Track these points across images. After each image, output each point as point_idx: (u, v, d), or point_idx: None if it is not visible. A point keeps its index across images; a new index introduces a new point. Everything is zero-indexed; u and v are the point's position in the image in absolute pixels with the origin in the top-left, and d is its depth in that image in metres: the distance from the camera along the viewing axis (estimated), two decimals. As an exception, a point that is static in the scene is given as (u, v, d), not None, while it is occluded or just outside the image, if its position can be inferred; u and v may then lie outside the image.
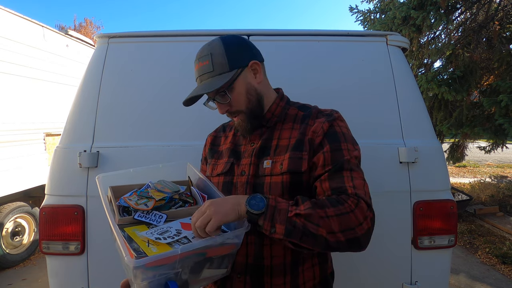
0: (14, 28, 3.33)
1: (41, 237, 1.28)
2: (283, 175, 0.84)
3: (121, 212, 0.81)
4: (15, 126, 3.30)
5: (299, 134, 0.87)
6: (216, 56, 0.86)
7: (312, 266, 0.88)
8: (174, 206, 0.86)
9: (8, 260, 3.36)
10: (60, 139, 1.38)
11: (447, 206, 1.33)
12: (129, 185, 0.91)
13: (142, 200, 0.82)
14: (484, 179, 7.14)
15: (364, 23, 4.83)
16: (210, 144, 1.08)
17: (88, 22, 18.62)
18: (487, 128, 3.94)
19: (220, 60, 0.85)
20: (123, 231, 0.73)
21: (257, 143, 0.92)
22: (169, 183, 0.91)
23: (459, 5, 4.31)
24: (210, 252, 0.70)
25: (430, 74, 4.23)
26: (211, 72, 0.86)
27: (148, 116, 1.40)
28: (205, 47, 0.89)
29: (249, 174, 0.88)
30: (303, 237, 0.70)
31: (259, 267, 0.85)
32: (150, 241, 0.69)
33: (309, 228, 0.69)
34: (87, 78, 1.44)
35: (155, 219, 0.78)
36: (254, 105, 0.91)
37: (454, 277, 3.11)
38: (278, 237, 0.71)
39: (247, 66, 0.89)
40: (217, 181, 0.95)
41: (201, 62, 0.88)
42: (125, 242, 0.67)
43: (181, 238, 0.70)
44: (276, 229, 0.70)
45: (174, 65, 1.46)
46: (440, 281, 1.37)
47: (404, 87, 1.44)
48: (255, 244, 0.85)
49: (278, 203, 0.73)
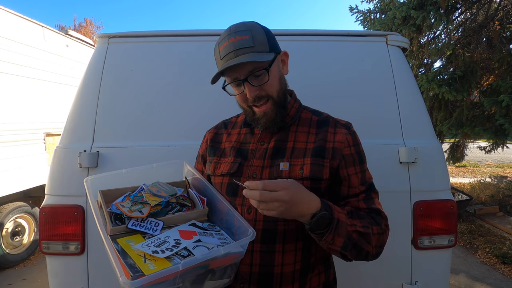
0: (14, 28, 3.33)
1: (41, 237, 1.28)
2: (303, 181, 0.80)
3: (113, 219, 0.73)
4: (15, 126, 3.30)
5: (320, 140, 0.85)
6: (256, 33, 0.79)
7: (319, 273, 0.87)
8: (171, 211, 0.79)
9: (8, 260, 3.36)
10: (60, 139, 1.38)
11: (447, 206, 1.33)
12: (121, 188, 0.83)
13: (136, 206, 0.75)
14: (484, 179, 7.14)
15: (364, 23, 4.83)
16: (210, 141, 1.00)
17: (88, 22, 18.64)
18: (488, 128, 3.94)
19: (261, 38, 0.79)
20: (116, 242, 0.66)
21: (269, 143, 0.87)
22: (165, 185, 0.84)
23: (459, 5, 4.31)
24: (213, 263, 0.65)
25: (430, 74, 4.23)
26: (252, 48, 0.77)
27: (148, 116, 1.40)
28: (239, 25, 0.81)
29: (262, 177, 0.83)
30: (352, 250, 0.75)
31: (268, 275, 0.81)
32: (147, 255, 0.62)
33: (361, 244, 0.76)
34: (87, 78, 1.44)
35: (151, 227, 0.71)
36: (283, 94, 0.86)
37: (454, 277, 3.11)
38: (334, 248, 0.74)
39: (279, 53, 0.85)
40: (221, 181, 0.89)
41: (238, 36, 0.78)
42: (119, 259, 0.60)
43: (180, 250, 0.63)
44: (335, 241, 0.72)
45: (174, 65, 1.46)
46: (440, 281, 1.37)
47: (404, 87, 1.44)
48: (261, 252, 0.81)
49: (339, 213, 0.74)
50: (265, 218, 0.81)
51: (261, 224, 0.81)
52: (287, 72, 0.90)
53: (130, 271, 0.58)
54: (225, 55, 0.79)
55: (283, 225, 0.81)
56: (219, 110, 1.33)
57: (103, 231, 0.66)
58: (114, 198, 0.79)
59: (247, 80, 0.80)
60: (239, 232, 0.70)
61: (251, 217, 0.82)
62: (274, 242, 0.80)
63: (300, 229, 0.81)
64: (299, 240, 0.82)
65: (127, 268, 0.58)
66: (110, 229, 0.70)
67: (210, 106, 1.40)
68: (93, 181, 0.83)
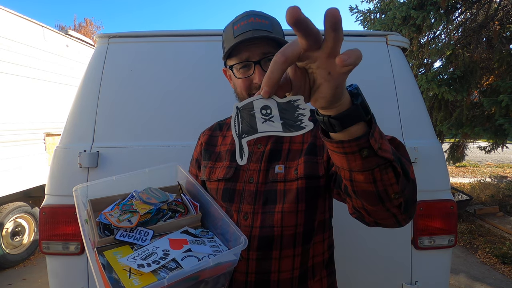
0: (14, 28, 3.33)
1: (41, 237, 1.28)
2: (297, 181, 0.77)
3: (101, 230, 0.70)
4: (15, 126, 3.30)
5: (312, 137, 0.83)
6: (275, 23, 0.81)
7: (321, 279, 0.83)
8: (162, 218, 0.75)
9: (8, 260, 3.36)
10: (60, 139, 1.38)
11: (447, 206, 1.33)
12: (112, 196, 0.80)
13: (125, 216, 0.71)
14: (484, 179, 7.14)
15: (364, 23, 4.83)
16: (205, 144, 0.96)
17: (88, 22, 18.62)
18: (487, 128, 3.94)
19: (279, 29, 0.81)
20: (102, 255, 0.63)
21: (266, 146, 0.85)
22: (157, 191, 0.80)
23: (459, 5, 4.31)
24: (203, 274, 0.61)
25: (430, 74, 4.23)
26: (270, 33, 0.76)
27: (148, 116, 1.40)
28: (258, 12, 0.81)
29: (258, 181, 0.80)
30: (398, 163, 0.51)
31: (264, 283, 0.77)
32: (132, 269, 0.58)
33: (403, 163, 0.54)
34: (87, 78, 1.44)
35: (140, 238, 0.67)
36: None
37: (454, 277, 3.11)
38: (384, 155, 0.48)
39: None
40: (216, 186, 0.86)
41: (258, 19, 0.77)
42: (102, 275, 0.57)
43: (168, 261, 0.60)
44: (382, 145, 0.48)
45: (174, 65, 1.46)
46: (440, 281, 1.37)
47: (404, 87, 1.44)
48: (257, 260, 0.77)
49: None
50: (262, 224, 0.78)
51: (257, 230, 0.78)
52: None
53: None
54: (241, 33, 0.75)
55: (280, 231, 0.77)
56: (219, 110, 1.33)
57: (87, 244, 0.63)
58: (105, 206, 0.75)
59: (259, 62, 0.75)
60: (233, 238, 0.67)
61: (248, 223, 0.79)
62: (270, 249, 0.77)
63: (298, 234, 0.78)
64: (297, 246, 0.78)
65: (110, 285, 0.55)
66: (97, 241, 0.66)
67: (210, 106, 1.40)
68: (82, 189, 0.79)
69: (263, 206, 0.79)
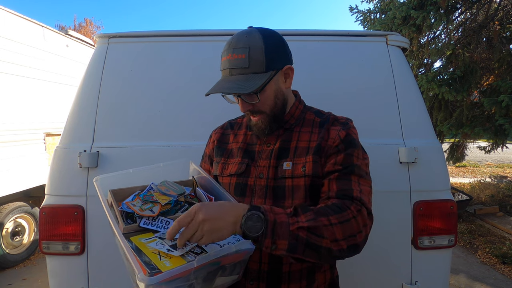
0: (14, 28, 3.33)
1: (41, 237, 1.28)
2: (305, 178, 0.83)
3: (124, 218, 0.75)
4: (15, 126, 3.29)
5: (320, 138, 0.87)
6: (254, 51, 0.79)
7: (325, 271, 0.89)
8: (180, 210, 0.81)
9: (8, 260, 3.36)
10: (60, 139, 1.38)
11: (447, 206, 1.33)
12: (130, 187, 0.85)
13: (146, 205, 0.77)
14: (484, 179, 7.14)
15: (364, 23, 4.83)
16: (217, 141, 1.02)
17: (88, 22, 18.64)
18: (487, 128, 3.93)
19: (258, 57, 0.79)
20: (130, 241, 0.68)
21: (275, 144, 0.90)
22: (173, 185, 0.86)
23: (459, 5, 4.31)
24: (224, 260, 0.66)
25: (430, 74, 4.23)
26: (246, 69, 0.79)
27: (148, 116, 1.40)
28: (243, 37, 0.81)
29: (268, 177, 0.86)
30: (306, 250, 0.66)
31: (276, 273, 0.83)
32: (162, 253, 0.64)
33: (313, 240, 0.67)
34: (87, 78, 1.44)
35: (162, 226, 0.73)
36: (278, 109, 0.88)
37: (454, 277, 3.11)
38: (280, 253, 0.66)
39: (281, 69, 0.85)
40: (228, 181, 0.92)
41: (235, 54, 0.79)
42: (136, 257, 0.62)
43: (193, 247, 0.66)
44: (278, 246, 0.65)
45: (174, 65, 1.46)
46: (440, 281, 1.36)
47: (404, 87, 1.44)
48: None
49: (276, 215, 0.67)
50: None
51: None
52: (290, 86, 0.91)
53: (147, 268, 0.59)
54: (223, 69, 0.84)
55: None
56: (219, 110, 1.33)
57: (117, 229, 0.67)
58: (123, 197, 0.80)
59: (240, 96, 0.84)
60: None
61: None
62: None
63: None
64: None
65: (144, 265, 0.60)
66: (123, 228, 0.71)
67: (211, 106, 1.40)
68: (102, 180, 0.83)
69: (273, 201, 0.85)
